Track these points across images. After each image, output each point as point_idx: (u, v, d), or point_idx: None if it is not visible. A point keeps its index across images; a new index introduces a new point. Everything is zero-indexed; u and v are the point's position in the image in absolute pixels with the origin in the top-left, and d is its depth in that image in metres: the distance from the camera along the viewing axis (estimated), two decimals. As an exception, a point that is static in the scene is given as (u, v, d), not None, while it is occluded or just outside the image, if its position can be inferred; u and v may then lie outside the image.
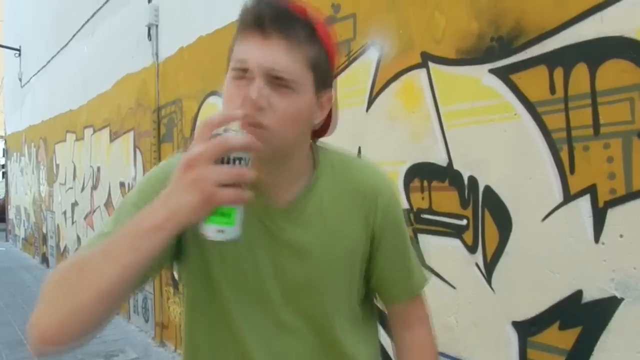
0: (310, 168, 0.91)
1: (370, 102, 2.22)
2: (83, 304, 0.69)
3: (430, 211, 1.95)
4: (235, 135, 0.68)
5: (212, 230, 0.68)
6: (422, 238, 1.98)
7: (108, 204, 5.68)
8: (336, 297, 0.93)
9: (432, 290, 1.05)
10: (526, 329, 1.62)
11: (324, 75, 0.83)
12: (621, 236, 1.40)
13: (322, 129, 0.91)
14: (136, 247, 0.68)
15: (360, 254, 0.93)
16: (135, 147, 4.93)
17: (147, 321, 4.74)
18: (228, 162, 0.67)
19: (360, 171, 0.95)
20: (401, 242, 0.97)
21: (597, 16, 1.44)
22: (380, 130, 2.17)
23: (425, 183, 1.96)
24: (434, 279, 1.86)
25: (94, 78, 6.03)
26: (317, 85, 0.82)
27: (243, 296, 0.88)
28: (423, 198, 1.97)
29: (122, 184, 5.28)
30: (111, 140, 5.58)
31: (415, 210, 2.01)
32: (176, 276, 4.11)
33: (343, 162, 0.95)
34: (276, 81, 0.77)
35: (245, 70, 0.77)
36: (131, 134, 5.02)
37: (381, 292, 1.00)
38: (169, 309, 4.30)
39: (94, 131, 6.11)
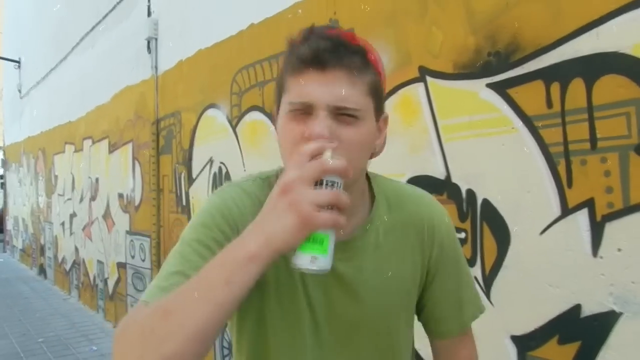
0: (367, 199, 0.89)
1: (369, 115, 2.23)
2: (174, 352, 0.61)
3: (429, 224, 1.95)
4: (331, 159, 0.68)
5: (305, 260, 0.66)
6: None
7: (106, 215, 5.67)
8: (392, 338, 0.89)
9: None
10: (525, 344, 1.62)
11: (381, 99, 0.83)
12: (619, 250, 1.41)
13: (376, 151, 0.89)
14: (231, 280, 0.63)
15: (415, 292, 0.91)
16: (134, 158, 4.94)
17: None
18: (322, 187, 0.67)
19: (415, 203, 0.93)
20: (455, 275, 0.93)
21: (593, 32, 1.45)
22: (378, 143, 2.17)
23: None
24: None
25: (93, 90, 6.05)
26: (376, 109, 0.82)
27: (291, 332, 0.84)
28: (421, 211, 1.97)
29: (120, 195, 5.28)
30: (110, 152, 5.59)
31: (413, 223, 2.01)
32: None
33: (396, 192, 0.93)
34: (340, 112, 0.75)
35: (308, 108, 0.75)
36: (130, 145, 5.03)
37: (429, 326, 0.96)
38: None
39: (93, 142, 6.11)
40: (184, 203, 3.99)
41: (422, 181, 1.98)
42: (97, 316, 5.87)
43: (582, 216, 1.49)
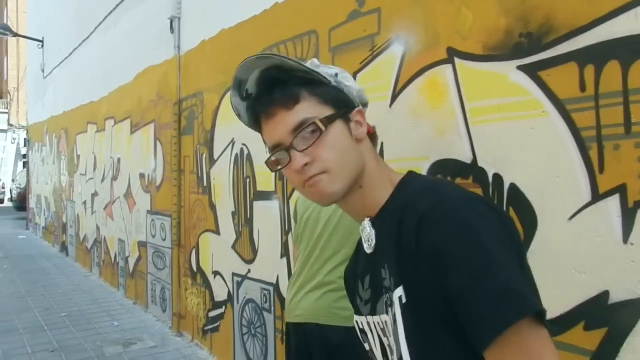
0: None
1: (394, 97, 2.21)
2: None
3: (453, 208, 1.93)
4: None
5: None
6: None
7: (128, 194, 5.76)
8: None
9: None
10: (550, 329, 1.60)
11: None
12: (651, 237, 1.38)
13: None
14: None
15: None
16: (155, 139, 4.99)
17: (164, 311, 4.80)
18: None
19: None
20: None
21: (631, 13, 1.41)
22: (403, 126, 2.16)
23: (449, 179, 1.94)
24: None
25: (115, 70, 6.10)
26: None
27: None
28: (446, 194, 1.96)
29: (142, 175, 5.34)
30: (132, 132, 5.64)
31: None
32: (194, 267, 4.17)
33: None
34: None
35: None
36: (152, 125, 5.07)
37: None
38: (186, 299, 4.35)
39: (115, 122, 6.18)
40: (205, 184, 4.03)
41: (448, 164, 1.96)
42: (117, 293, 6.00)
43: (614, 202, 1.47)
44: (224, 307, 3.75)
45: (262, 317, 3.25)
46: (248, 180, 3.42)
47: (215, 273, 3.88)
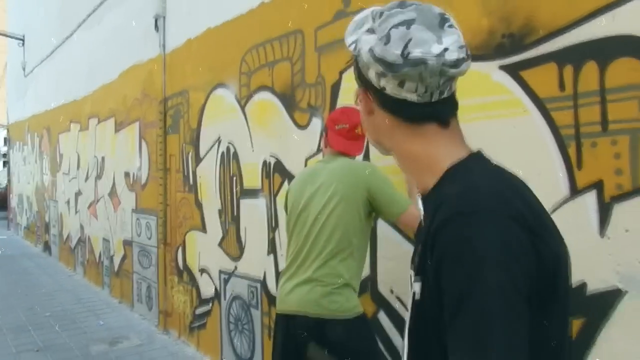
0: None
1: (380, 96, 2.25)
2: None
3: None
4: None
5: None
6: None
7: (112, 193, 5.72)
8: None
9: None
10: None
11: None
12: (627, 231, 1.44)
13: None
14: None
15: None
16: (140, 137, 4.97)
17: (150, 309, 4.79)
18: None
19: None
20: None
21: (608, 15, 1.47)
22: (389, 124, 2.19)
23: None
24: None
25: (99, 68, 6.05)
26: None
27: None
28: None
29: (127, 174, 5.31)
30: (116, 131, 5.61)
31: (422, 203, 2.04)
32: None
33: None
34: None
35: None
36: (137, 124, 5.05)
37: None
38: (172, 297, 4.35)
39: (99, 121, 6.13)
40: (191, 182, 4.03)
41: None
42: (102, 292, 5.96)
43: (591, 197, 1.52)
44: (211, 304, 3.76)
45: (250, 314, 3.27)
46: (234, 178, 3.43)
47: (202, 270, 3.89)
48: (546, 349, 0.71)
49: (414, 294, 0.76)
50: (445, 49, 0.75)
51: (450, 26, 0.77)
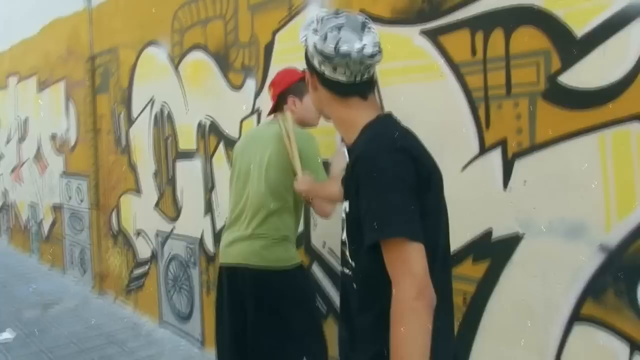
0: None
1: (311, 58, 2.32)
2: None
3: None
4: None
5: None
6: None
7: (38, 156, 5.47)
8: None
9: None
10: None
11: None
12: (525, 182, 1.63)
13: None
14: None
15: None
16: (67, 97, 4.75)
17: (84, 273, 4.73)
18: None
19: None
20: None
21: (514, -14, 1.60)
22: (320, 86, 2.28)
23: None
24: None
25: (18, 21, 5.64)
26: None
27: None
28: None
29: (53, 136, 5.09)
30: (39, 90, 5.32)
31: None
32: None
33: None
34: None
35: None
36: (62, 83, 4.82)
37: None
38: (108, 260, 4.31)
39: (20, 79, 5.78)
40: (124, 144, 3.95)
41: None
42: (30, 259, 5.77)
43: (496, 154, 1.70)
44: (148, 265, 3.78)
45: (188, 272, 3.34)
46: (169, 140, 3.41)
47: (138, 233, 3.88)
48: (427, 221, 1.06)
49: (344, 210, 1.15)
50: (365, 45, 1.09)
51: (369, 29, 1.12)
